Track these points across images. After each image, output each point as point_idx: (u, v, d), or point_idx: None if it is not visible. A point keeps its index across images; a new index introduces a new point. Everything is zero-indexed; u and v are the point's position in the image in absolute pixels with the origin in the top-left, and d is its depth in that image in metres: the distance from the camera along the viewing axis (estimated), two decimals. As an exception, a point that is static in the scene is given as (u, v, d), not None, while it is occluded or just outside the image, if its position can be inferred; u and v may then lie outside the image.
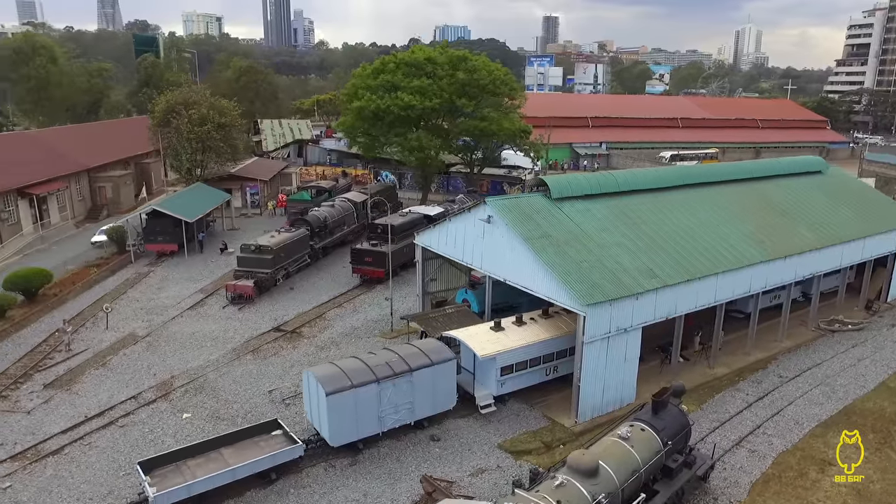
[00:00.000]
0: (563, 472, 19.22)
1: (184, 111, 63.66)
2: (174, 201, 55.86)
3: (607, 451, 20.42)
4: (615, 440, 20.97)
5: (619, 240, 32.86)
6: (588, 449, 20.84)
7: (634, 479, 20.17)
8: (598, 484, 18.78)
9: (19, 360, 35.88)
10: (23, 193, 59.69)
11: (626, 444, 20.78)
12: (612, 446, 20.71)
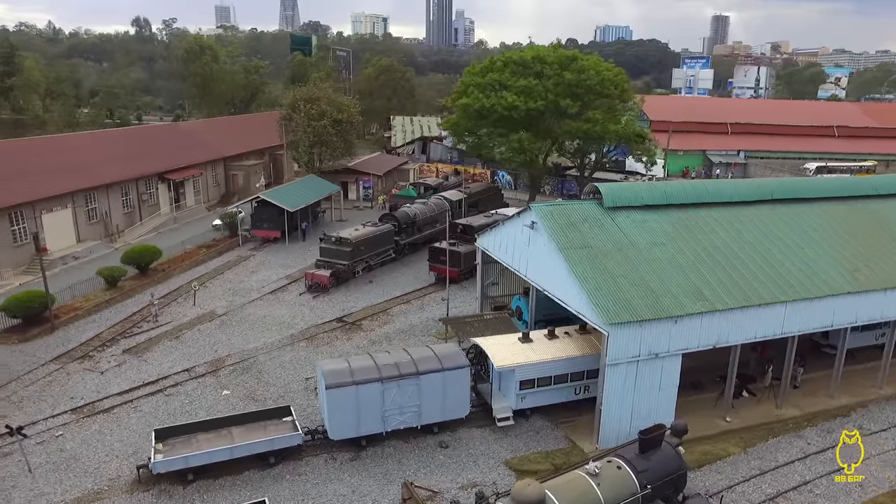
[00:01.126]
0: (505, 502, 18.00)
1: (303, 106, 67.55)
2: (280, 191, 59.54)
3: (565, 485, 18.81)
4: (580, 474, 19.24)
5: (672, 256, 30.04)
6: (546, 480, 19.32)
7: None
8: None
9: (113, 326, 40.19)
10: (163, 178, 66.75)
11: (592, 480, 18.99)
12: (574, 480, 19.03)
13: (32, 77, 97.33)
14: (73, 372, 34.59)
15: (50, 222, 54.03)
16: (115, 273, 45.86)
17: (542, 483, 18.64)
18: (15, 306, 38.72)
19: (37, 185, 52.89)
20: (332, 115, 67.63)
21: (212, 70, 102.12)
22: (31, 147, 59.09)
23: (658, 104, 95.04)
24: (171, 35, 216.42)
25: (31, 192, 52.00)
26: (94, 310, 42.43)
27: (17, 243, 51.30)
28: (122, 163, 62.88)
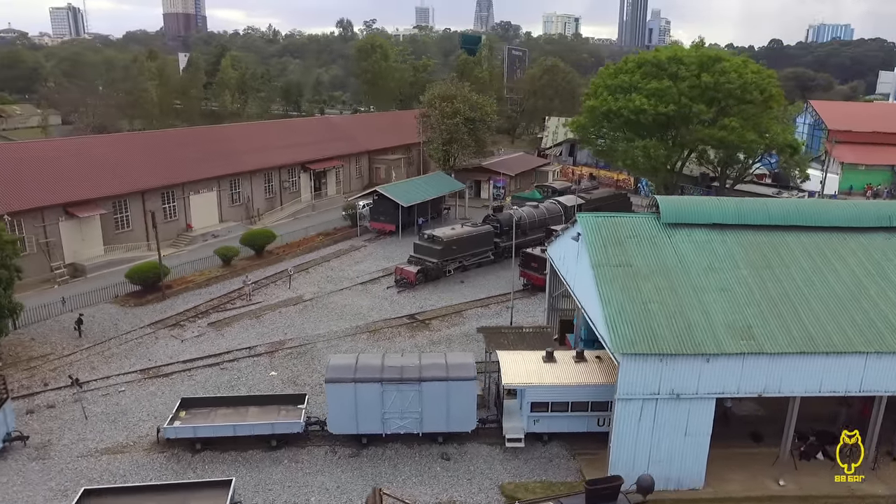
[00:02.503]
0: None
1: (438, 104, 68.70)
2: (399, 186, 61.17)
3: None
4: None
5: (728, 285, 26.13)
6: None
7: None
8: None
9: (212, 300, 44.09)
10: (305, 168, 71.80)
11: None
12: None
13: (226, 75, 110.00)
14: (161, 337, 38.53)
15: (196, 203, 60.63)
16: (229, 252, 50.28)
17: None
18: (136, 275, 44.04)
19: (187, 170, 59.55)
20: (465, 113, 68.00)
21: (380, 67, 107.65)
22: (186, 136, 66.82)
23: (841, 111, 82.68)
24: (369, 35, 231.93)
25: (181, 176, 58.66)
26: (203, 284, 46.88)
27: (167, 220, 58.21)
28: (268, 152, 68.60)
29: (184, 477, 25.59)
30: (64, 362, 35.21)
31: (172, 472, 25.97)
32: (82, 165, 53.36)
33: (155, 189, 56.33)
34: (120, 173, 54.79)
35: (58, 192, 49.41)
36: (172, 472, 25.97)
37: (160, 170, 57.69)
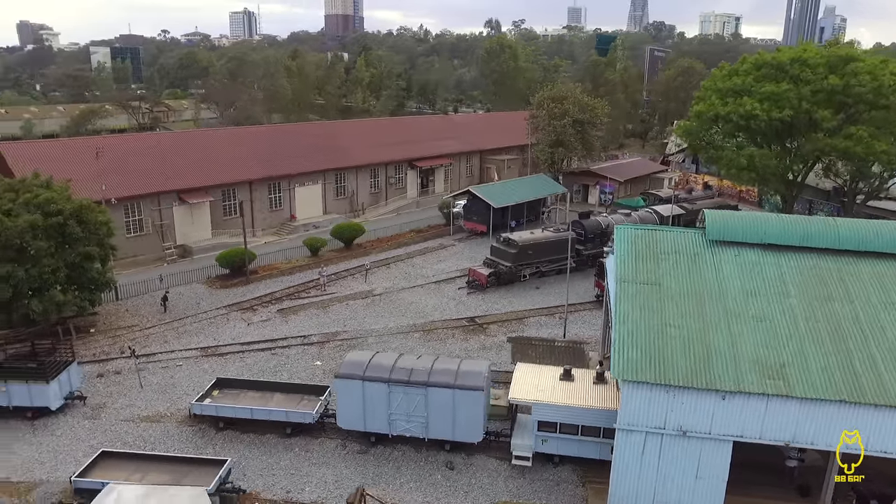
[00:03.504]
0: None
1: (546, 105, 67.09)
2: (493, 187, 60.46)
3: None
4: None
5: (768, 314, 23.10)
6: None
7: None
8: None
9: (289, 288, 46.25)
10: (412, 165, 73.19)
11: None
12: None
13: (360, 73, 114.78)
14: (232, 319, 41.07)
15: (301, 194, 63.91)
16: (316, 243, 52.48)
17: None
18: (225, 259, 47.28)
19: (293, 163, 62.91)
20: (574, 114, 65.84)
21: (508, 68, 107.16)
22: (297, 131, 70.59)
23: None
24: (517, 34, 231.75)
25: (287, 168, 62.10)
26: (287, 272, 49.33)
27: (273, 209, 62.00)
28: (377, 148, 70.70)
29: (204, 451, 27.08)
30: (143, 334, 38.64)
31: (194, 445, 27.59)
32: (197, 155, 58.15)
33: (262, 180, 60.10)
34: (230, 164, 59.02)
35: (172, 179, 54.24)
36: (194, 445, 27.59)
37: (268, 162, 61.42)
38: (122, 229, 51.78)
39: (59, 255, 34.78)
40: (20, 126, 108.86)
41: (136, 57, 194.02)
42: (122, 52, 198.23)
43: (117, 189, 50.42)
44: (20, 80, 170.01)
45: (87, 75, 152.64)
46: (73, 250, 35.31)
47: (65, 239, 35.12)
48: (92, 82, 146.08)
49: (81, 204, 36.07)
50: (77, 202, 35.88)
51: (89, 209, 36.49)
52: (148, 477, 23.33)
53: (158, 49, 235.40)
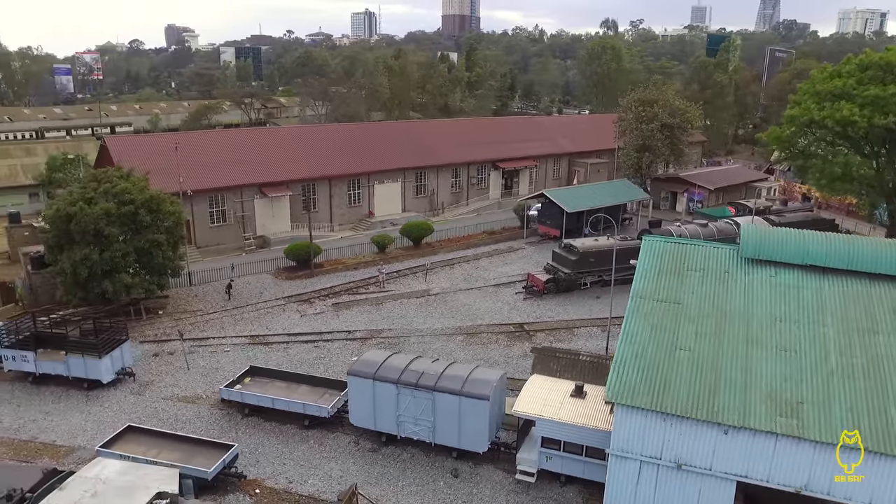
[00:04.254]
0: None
1: (634, 108, 64.46)
2: (568, 191, 58.83)
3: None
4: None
5: (795, 344, 20.91)
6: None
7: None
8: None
9: (349, 283, 47.36)
10: (496, 165, 72.70)
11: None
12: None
13: (459, 73, 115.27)
14: (288, 310, 42.64)
15: (380, 192, 65.27)
16: (384, 240, 53.38)
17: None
18: (292, 252, 49.18)
19: (373, 161, 64.32)
20: (663, 118, 62.79)
21: (609, 70, 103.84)
22: (381, 129, 72.03)
23: None
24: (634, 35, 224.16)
25: (367, 166, 63.60)
26: (352, 267, 50.55)
27: (351, 205, 63.75)
28: (461, 148, 70.89)
29: (227, 434, 28.32)
30: (203, 319, 40.99)
31: (219, 428, 28.90)
32: (281, 151, 60.85)
33: (341, 176, 61.94)
34: (311, 160, 61.27)
35: (254, 173, 57.09)
36: (219, 428, 28.90)
37: (349, 159, 63.22)
38: (206, 219, 55.41)
39: (129, 240, 37.61)
40: (147, 120, 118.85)
41: (257, 56, 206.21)
42: (244, 51, 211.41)
43: (202, 181, 53.90)
44: (159, 78, 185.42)
45: (213, 73, 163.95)
46: (143, 237, 38.03)
47: (136, 226, 37.90)
48: (217, 80, 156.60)
49: (152, 195, 38.75)
50: (148, 193, 38.58)
51: (159, 199, 39.13)
52: (162, 454, 24.71)
53: (283, 48, 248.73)
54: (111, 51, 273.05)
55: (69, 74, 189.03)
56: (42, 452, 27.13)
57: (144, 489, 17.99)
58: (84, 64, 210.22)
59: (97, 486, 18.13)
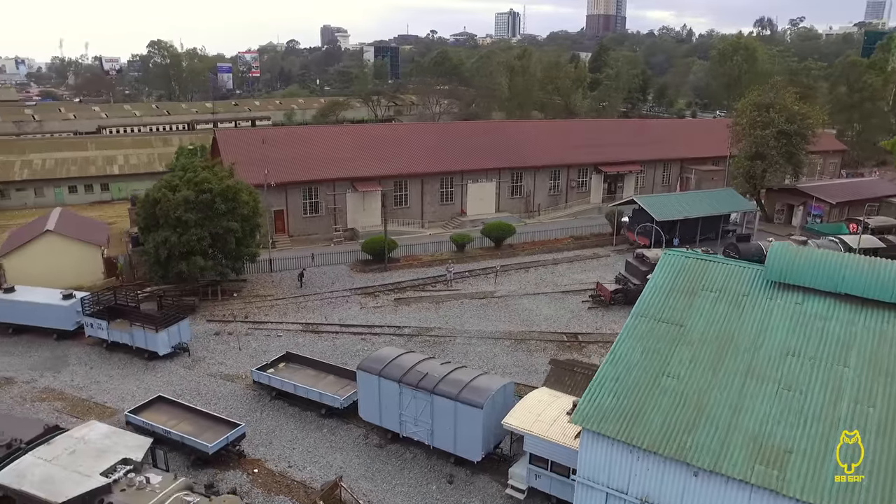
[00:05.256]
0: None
1: (748, 112, 59.45)
2: (661, 198, 55.38)
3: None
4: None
5: (802, 384, 18.38)
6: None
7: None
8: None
9: (419, 279, 47.81)
10: (598, 169, 70.11)
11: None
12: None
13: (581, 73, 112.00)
14: (351, 302, 43.88)
15: (473, 191, 65.23)
16: (463, 239, 53.35)
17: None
18: (368, 246, 50.53)
19: (468, 159, 64.39)
20: (779, 124, 57.35)
21: (740, 71, 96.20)
22: (479, 128, 71.77)
23: None
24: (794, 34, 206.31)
25: (460, 164, 63.81)
26: (427, 264, 51.03)
27: (443, 203, 64.31)
28: (562, 150, 69.13)
29: (252, 414, 29.81)
30: (270, 303, 43.27)
31: (247, 407, 30.44)
32: (378, 147, 62.68)
33: (433, 174, 62.65)
34: (406, 157, 62.52)
35: (348, 168, 59.27)
36: (247, 407, 30.44)
37: (442, 157, 63.78)
38: (300, 210, 58.41)
39: (205, 226, 40.51)
40: (284, 114, 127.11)
41: (394, 55, 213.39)
42: (382, 51, 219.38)
43: (297, 173, 56.91)
44: (305, 76, 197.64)
45: (352, 72, 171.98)
46: (217, 224, 40.79)
47: (212, 213, 40.74)
48: (354, 78, 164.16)
49: (228, 185, 41.43)
50: (225, 183, 41.29)
51: (236, 189, 41.76)
52: (179, 425, 26.51)
53: (426, 48, 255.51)
54: (271, 50, 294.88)
55: (230, 72, 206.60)
56: (92, 411, 30.03)
57: (114, 453, 19.42)
58: (244, 63, 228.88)
59: (78, 445, 19.85)
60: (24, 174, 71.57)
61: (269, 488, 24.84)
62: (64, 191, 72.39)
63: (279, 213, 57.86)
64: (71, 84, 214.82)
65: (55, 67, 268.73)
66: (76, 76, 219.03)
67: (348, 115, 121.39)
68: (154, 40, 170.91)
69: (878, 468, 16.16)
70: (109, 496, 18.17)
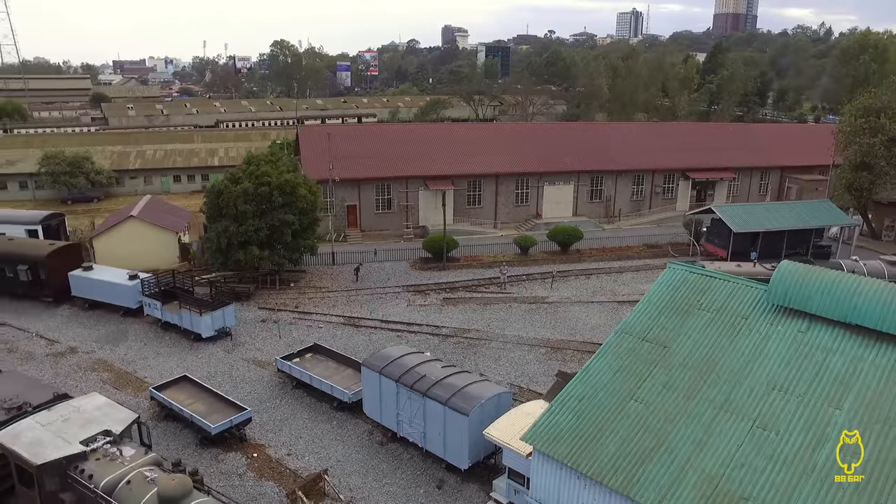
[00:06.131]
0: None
1: (854, 118, 53.87)
2: (745, 207, 51.39)
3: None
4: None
5: (784, 425, 16.42)
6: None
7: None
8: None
9: (473, 280, 47.36)
10: (686, 175, 66.25)
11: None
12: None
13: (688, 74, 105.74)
14: (400, 298, 44.22)
15: (550, 193, 63.77)
16: (526, 242, 52.27)
17: None
18: (429, 245, 50.72)
19: (544, 161, 63.01)
20: (890, 132, 51.56)
21: (866, 72, 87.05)
22: (557, 130, 69.89)
23: None
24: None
25: (536, 166, 62.56)
26: (487, 265, 50.49)
27: (518, 204, 63.39)
28: (648, 154, 66.02)
29: (272, 400, 30.85)
30: (322, 295, 44.52)
31: (269, 394, 31.51)
32: (454, 146, 62.74)
33: (507, 174, 61.87)
34: (481, 157, 62.14)
35: (421, 166, 59.80)
36: (269, 394, 31.51)
37: (519, 157, 62.84)
38: (372, 205, 59.70)
39: (262, 218, 42.30)
40: (389, 112, 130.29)
41: (505, 55, 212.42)
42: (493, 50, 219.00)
43: (369, 170, 58.21)
44: (419, 74, 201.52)
45: (462, 71, 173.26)
46: (274, 216, 42.48)
47: (269, 206, 42.48)
48: (464, 77, 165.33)
49: (286, 179, 42.99)
50: (283, 177, 42.87)
51: (294, 184, 43.27)
52: (193, 405, 27.93)
53: (543, 48, 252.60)
54: (392, 50, 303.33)
55: (348, 70, 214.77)
56: (131, 384, 32.31)
57: (99, 424, 20.74)
58: (364, 61, 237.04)
59: (73, 413, 21.38)
60: (137, 164, 78.41)
61: (261, 473, 25.58)
62: (169, 180, 78.48)
63: (352, 207, 59.48)
64: (207, 81, 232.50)
65: (196, 66, 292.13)
66: (212, 74, 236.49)
67: (450, 115, 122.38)
68: (277, 40, 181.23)
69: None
70: (84, 463, 19.43)
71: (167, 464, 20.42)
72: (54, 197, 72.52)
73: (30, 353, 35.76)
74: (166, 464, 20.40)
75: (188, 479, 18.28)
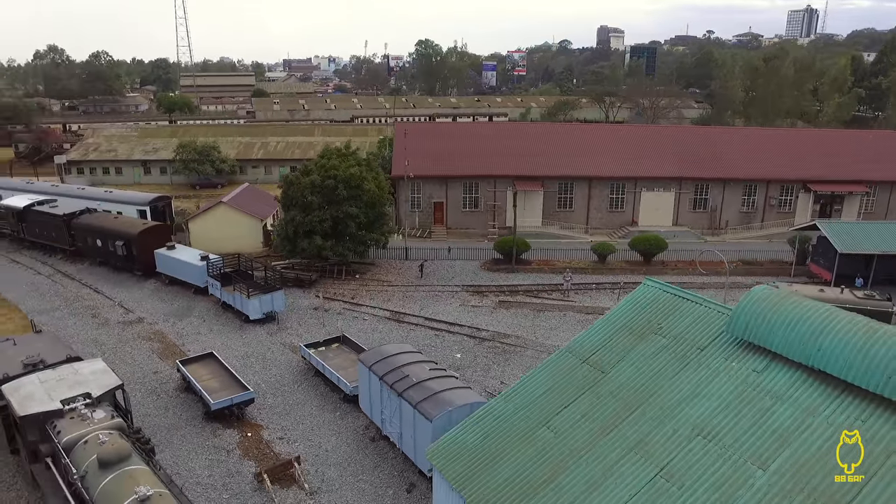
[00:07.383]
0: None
1: None
2: (857, 226, 44.97)
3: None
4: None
5: (689, 478, 14.25)
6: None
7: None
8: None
9: (538, 284, 45.83)
10: (807, 187, 59.35)
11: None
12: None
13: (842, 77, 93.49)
14: (456, 298, 43.75)
15: (648, 200, 59.96)
16: (604, 250, 49.61)
17: None
18: (500, 246, 49.77)
19: (641, 166, 59.31)
20: None
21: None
22: (652, 133, 65.27)
23: None
24: None
25: (632, 171, 59.07)
26: (559, 270, 48.48)
27: (612, 210, 60.31)
28: (762, 162, 60.08)
29: (290, 385, 31.85)
30: (382, 288, 45.19)
31: (290, 378, 32.57)
32: (550, 145, 61.03)
33: (602, 178, 59.03)
34: (574, 158, 59.85)
35: (511, 166, 58.76)
36: (290, 378, 32.57)
37: (617, 161, 59.75)
38: (459, 203, 59.70)
39: (327, 209, 43.76)
40: (520, 112, 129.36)
41: (651, 56, 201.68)
42: (638, 51, 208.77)
43: (457, 167, 58.24)
44: (564, 75, 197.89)
45: (604, 72, 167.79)
46: (339, 208, 43.77)
47: (334, 198, 43.83)
48: (605, 78, 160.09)
49: (352, 173, 44.07)
50: (349, 171, 43.99)
51: (360, 178, 44.27)
52: (208, 381, 29.58)
53: (699, 48, 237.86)
54: (544, 50, 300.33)
55: (494, 70, 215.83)
56: (172, 354, 34.82)
57: (83, 387, 22.60)
58: (512, 61, 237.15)
59: (69, 375, 23.47)
60: (260, 154, 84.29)
61: (246, 452, 26.51)
62: (287, 170, 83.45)
63: (439, 204, 59.80)
64: (354, 79, 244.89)
65: (354, 65, 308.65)
66: (367, 72, 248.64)
67: (582, 116, 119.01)
68: (421, 39, 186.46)
69: None
70: (59, 420, 21.28)
71: (131, 430, 21.81)
72: (186, 182, 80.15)
73: (106, 320, 39.81)
74: (130, 431, 21.79)
75: (127, 445, 19.37)
